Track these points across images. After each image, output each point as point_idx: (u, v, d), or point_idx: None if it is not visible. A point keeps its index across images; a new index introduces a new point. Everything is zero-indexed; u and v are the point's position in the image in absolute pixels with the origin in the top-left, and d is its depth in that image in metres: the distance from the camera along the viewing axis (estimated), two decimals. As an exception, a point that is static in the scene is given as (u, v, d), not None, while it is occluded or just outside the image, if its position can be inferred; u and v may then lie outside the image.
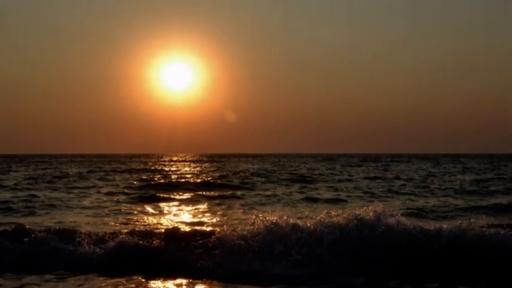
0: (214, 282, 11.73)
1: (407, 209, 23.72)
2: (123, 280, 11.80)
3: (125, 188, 38.45)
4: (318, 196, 31.71)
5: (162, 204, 28.03)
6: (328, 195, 32.61)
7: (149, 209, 25.93)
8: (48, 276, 12.28)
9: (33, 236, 14.50)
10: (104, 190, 36.00)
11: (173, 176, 54.17)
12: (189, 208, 26.53)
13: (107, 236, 14.53)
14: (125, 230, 15.76)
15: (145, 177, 51.55)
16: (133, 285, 11.37)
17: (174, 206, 27.72)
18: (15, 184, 40.69)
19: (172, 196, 32.32)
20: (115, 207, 25.98)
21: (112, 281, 11.75)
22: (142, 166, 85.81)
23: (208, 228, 17.52)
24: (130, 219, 21.84)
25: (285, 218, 13.68)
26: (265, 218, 13.69)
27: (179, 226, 17.67)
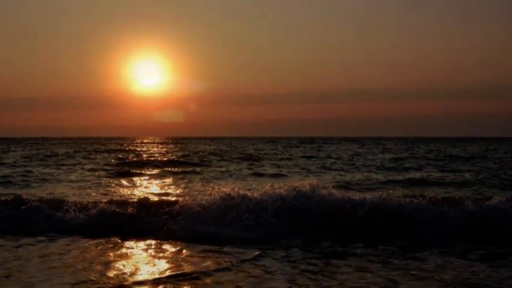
0: (178, 242, 11.69)
1: (337, 182, 23.89)
2: (102, 241, 11.72)
3: (104, 165, 38.12)
4: (263, 172, 31.74)
5: (135, 179, 27.89)
6: (272, 171, 32.64)
7: (124, 182, 25.79)
8: (41, 238, 12.16)
9: (28, 204, 14.41)
10: (87, 167, 35.71)
11: (144, 155, 53.78)
12: (157, 182, 26.42)
13: (90, 204, 14.43)
14: (104, 200, 15.60)
15: (121, 156, 51.18)
16: (111, 245, 11.30)
17: (145, 180, 27.60)
18: (13, 162, 40.17)
19: (143, 172, 32.16)
20: (96, 181, 25.79)
21: (93, 241, 11.67)
22: (118, 147, 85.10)
23: (173, 198, 17.46)
24: (109, 190, 21.71)
25: (236, 189, 13.69)
26: (220, 189, 13.71)
27: (149, 196, 17.56)
